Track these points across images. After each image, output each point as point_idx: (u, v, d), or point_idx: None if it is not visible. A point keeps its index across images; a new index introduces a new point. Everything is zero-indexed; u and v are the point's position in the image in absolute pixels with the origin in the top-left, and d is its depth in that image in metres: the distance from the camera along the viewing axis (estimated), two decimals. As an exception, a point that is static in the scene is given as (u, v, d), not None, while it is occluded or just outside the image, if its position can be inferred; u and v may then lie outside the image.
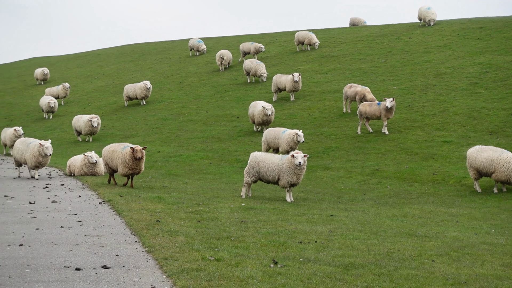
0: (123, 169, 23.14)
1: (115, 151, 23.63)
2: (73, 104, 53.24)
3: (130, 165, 22.96)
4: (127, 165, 22.97)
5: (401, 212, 20.01)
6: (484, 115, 31.93)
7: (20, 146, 26.82)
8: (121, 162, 23.11)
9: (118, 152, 23.43)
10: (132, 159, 22.85)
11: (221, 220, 17.52)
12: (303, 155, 21.25)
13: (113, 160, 23.58)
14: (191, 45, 64.76)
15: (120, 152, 23.32)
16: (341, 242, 14.88)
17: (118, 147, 23.75)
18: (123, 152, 23.13)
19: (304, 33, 55.23)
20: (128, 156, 22.90)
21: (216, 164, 31.24)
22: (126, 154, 22.99)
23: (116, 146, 23.99)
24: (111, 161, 23.78)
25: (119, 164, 23.26)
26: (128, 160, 22.91)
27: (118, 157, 23.30)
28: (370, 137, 31.88)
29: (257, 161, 22.07)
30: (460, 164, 26.52)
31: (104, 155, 24.16)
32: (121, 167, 23.15)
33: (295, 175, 21.38)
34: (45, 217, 17.44)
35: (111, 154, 23.75)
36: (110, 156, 23.79)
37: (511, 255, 13.87)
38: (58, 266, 11.94)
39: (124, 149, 23.26)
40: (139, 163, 23.08)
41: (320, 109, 37.76)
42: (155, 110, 45.04)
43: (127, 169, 23.07)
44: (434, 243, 15.17)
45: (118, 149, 23.61)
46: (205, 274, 11.37)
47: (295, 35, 55.76)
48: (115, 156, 23.53)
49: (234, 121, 38.74)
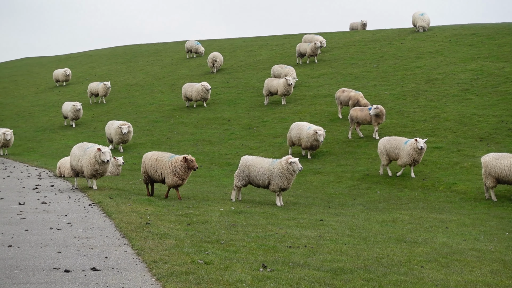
0: (172, 179, 21.83)
1: (161, 159, 22.27)
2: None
3: (181, 175, 21.81)
4: (177, 174, 21.79)
5: (390, 218, 20.04)
6: (474, 122, 31.99)
7: (77, 151, 24.07)
8: (171, 171, 21.84)
9: (165, 161, 22.09)
10: (185, 168, 21.80)
11: (211, 223, 17.51)
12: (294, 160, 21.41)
13: (157, 169, 22.19)
14: (189, 47, 63.83)
15: (167, 161, 22.00)
16: (330, 247, 14.89)
17: (163, 155, 22.45)
18: (172, 161, 21.89)
19: (310, 37, 54.76)
20: (180, 165, 21.78)
21: (206, 167, 31.23)
22: (177, 163, 21.80)
23: (160, 154, 22.64)
24: (154, 171, 22.33)
25: (167, 173, 21.92)
26: (180, 169, 21.77)
27: (165, 166, 22.01)
28: (361, 142, 31.91)
29: (247, 165, 22.12)
30: (450, 170, 26.57)
31: (145, 163, 22.63)
32: (170, 176, 21.83)
33: (286, 180, 21.45)
34: (35, 218, 17.40)
35: (155, 162, 22.32)
36: (153, 165, 22.35)
37: (500, 262, 13.91)
38: (47, 268, 11.92)
39: (171, 158, 22.06)
40: (188, 173, 21.98)
41: (311, 113, 37.78)
42: (146, 112, 44.99)
43: (176, 179, 21.83)
44: (423, 249, 15.20)
45: (164, 157, 22.32)
46: (194, 277, 11.37)
47: (303, 38, 55.39)
48: (160, 165, 22.14)
49: (225, 124, 38.73)
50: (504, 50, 43.69)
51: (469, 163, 27.12)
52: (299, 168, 21.16)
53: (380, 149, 27.11)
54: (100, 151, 22.92)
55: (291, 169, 21.33)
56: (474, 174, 25.90)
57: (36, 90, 62.14)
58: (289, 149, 32.15)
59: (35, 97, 58.63)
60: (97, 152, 22.93)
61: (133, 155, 33.44)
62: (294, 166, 21.21)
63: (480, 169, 25.76)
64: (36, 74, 72.30)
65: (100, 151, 22.91)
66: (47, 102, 55.10)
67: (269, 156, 31.40)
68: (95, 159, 22.98)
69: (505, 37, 47.35)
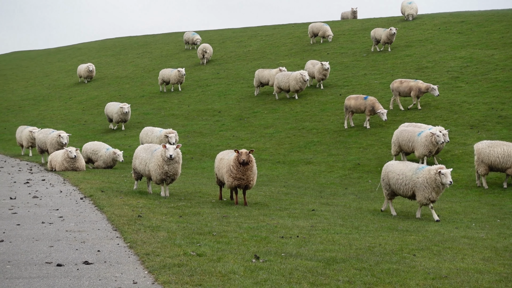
0: (228, 179, 19.38)
1: (223, 159, 20.16)
2: (54, 98, 52.97)
3: (235, 174, 19.16)
4: (231, 174, 19.23)
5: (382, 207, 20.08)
6: (465, 109, 32.04)
7: (143, 154, 21.40)
8: (226, 171, 19.47)
9: (225, 160, 19.92)
10: (237, 165, 19.18)
11: (203, 215, 17.52)
12: None
13: (220, 169, 20.12)
14: (186, 39, 62.55)
15: (226, 160, 19.76)
16: (322, 237, 14.92)
17: (228, 154, 20.19)
18: (229, 159, 19.56)
19: (318, 25, 53.93)
20: (233, 162, 19.23)
21: (197, 158, 31.22)
22: (231, 160, 19.37)
23: (226, 153, 20.43)
24: (218, 171, 20.33)
25: (224, 173, 19.71)
26: (232, 167, 19.26)
27: (224, 166, 19.81)
28: (352, 132, 31.94)
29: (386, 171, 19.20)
30: (441, 157, 26.61)
31: (216, 164, 20.66)
32: (226, 176, 19.46)
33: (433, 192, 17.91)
34: (26, 213, 17.37)
35: (219, 163, 20.31)
36: (218, 165, 20.34)
37: (492, 249, 13.95)
38: (40, 262, 11.91)
39: (231, 155, 19.71)
40: (246, 172, 19.15)
41: (302, 103, 37.77)
42: (137, 104, 44.90)
43: (232, 179, 19.25)
44: (415, 237, 15.24)
45: (226, 156, 20.14)
46: (187, 269, 11.37)
47: (309, 27, 54.22)
48: (221, 165, 20.04)
49: (216, 116, 38.70)
50: (493, 37, 43.74)
51: (460, 151, 27.17)
52: (449, 183, 17.52)
53: (393, 139, 26.54)
54: (165, 147, 20.32)
55: (439, 181, 17.59)
56: (465, 161, 25.97)
57: (26, 84, 61.96)
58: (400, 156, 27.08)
59: (25, 91, 58.48)
60: (163, 149, 20.34)
61: (125, 148, 33.37)
62: (443, 178, 17.51)
63: (471, 156, 25.85)
64: (25, 68, 72.07)
65: (165, 148, 20.30)
66: (37, 96, 54.96)
67: (259, 147, 31.39)
68: (162, 158, 20.26)
69: (494, 24, 47.39)
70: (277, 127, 34.52)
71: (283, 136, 32.95)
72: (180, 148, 20.78)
